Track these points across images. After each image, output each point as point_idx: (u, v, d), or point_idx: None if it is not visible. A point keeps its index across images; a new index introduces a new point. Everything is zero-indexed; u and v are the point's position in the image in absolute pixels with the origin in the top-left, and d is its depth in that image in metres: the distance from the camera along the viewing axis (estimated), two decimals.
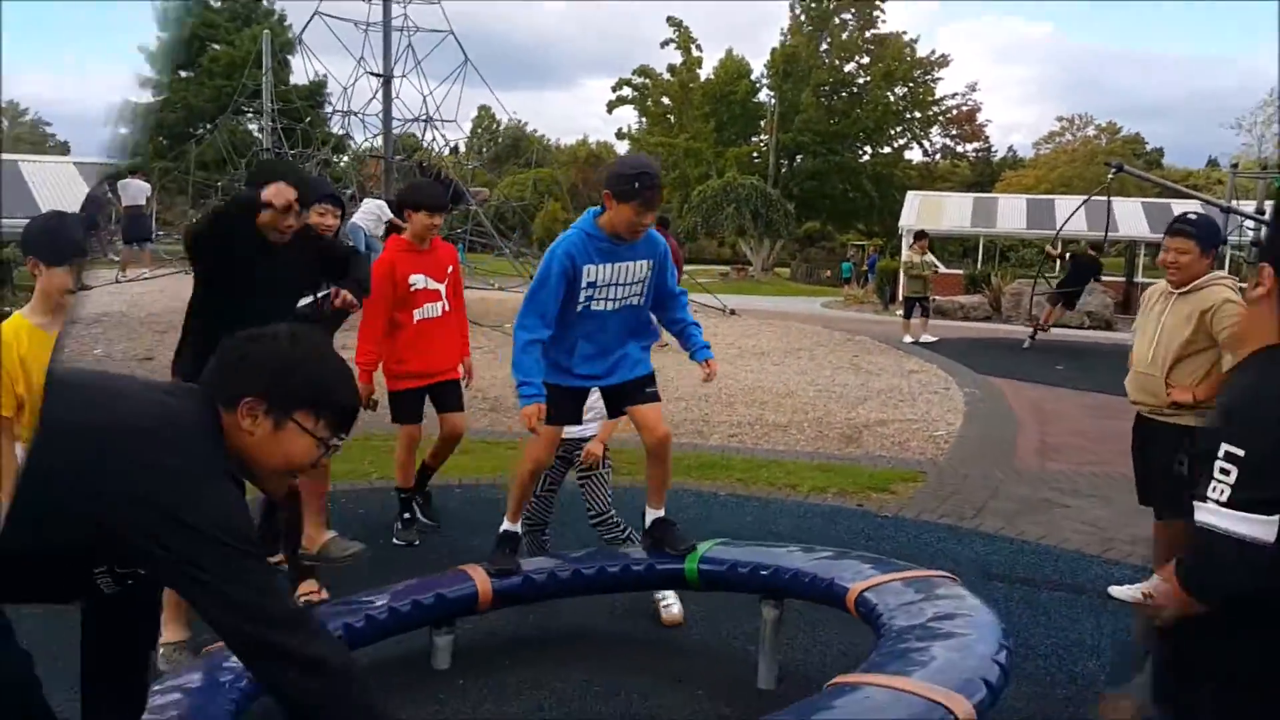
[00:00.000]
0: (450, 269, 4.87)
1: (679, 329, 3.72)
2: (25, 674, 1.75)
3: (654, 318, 3.70)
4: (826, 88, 44.92)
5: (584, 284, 3.39)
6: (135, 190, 16.66)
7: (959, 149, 50.85)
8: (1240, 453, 1.51)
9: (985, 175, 48.84)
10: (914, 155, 48.38)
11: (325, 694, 1.68)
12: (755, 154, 46.23)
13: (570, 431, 4.16)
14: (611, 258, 3.41)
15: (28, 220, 2.88)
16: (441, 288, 4.81)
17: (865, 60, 45.36)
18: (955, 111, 48.32)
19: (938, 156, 49.91)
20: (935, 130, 48.60)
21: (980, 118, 50.49)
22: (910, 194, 27.66)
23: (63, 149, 37.31)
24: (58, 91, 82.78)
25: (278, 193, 3.32)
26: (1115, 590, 4.40)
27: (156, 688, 2.42)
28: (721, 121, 45.45)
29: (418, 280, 4.69)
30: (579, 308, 3.42)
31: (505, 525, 3.72)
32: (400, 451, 4.85)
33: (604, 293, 3.44)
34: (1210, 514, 1.55)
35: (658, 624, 4.00)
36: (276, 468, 1.79)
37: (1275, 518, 1.50)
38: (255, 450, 1.75)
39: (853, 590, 3.09)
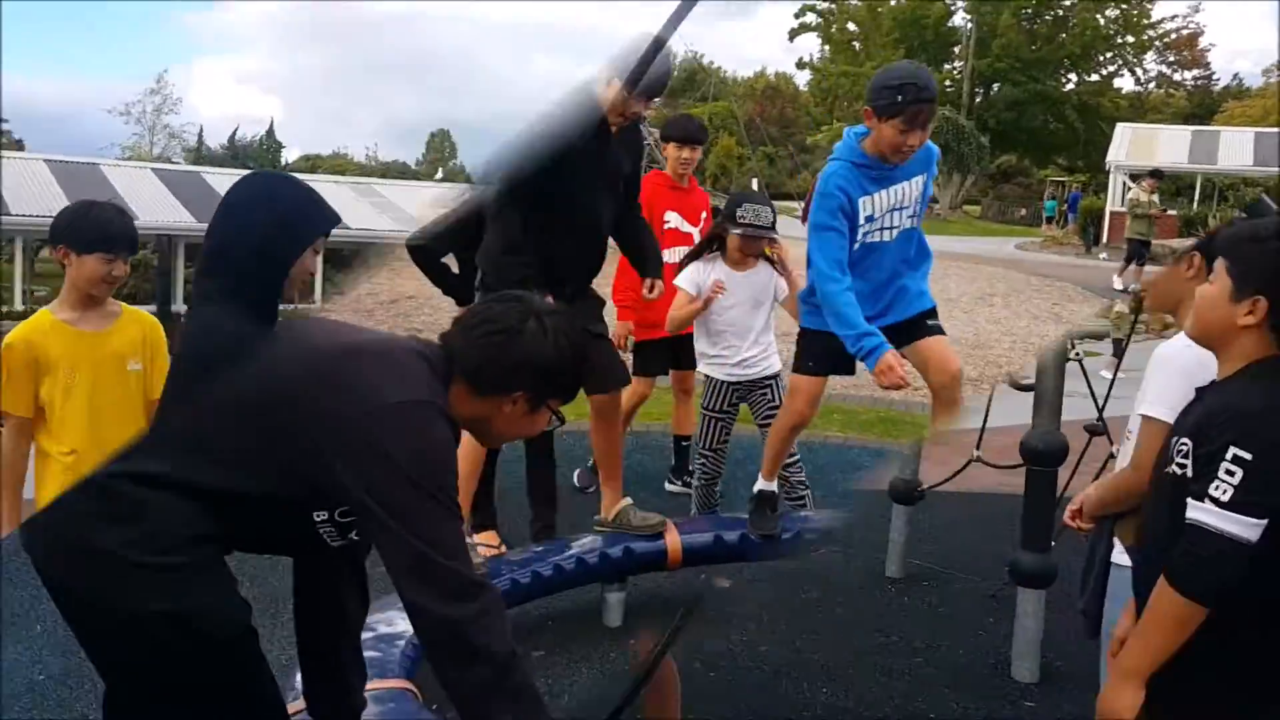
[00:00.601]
0: (705, 215, 4.61)
1: None
2: (244, 624, 1.73)
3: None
4: (1029, 10, 41.99)
5: (861, 220, 2.98)
6: None
7: (1175, 77, 46.56)
8: (1249, 456, 1.58)
9: (1204, 106, 44.52)
10: (1124, 84, 44.70)
11: (476, 682, 1.58)
12: (948, 82, 43.80)
13: (742, 375, 3.99)
14: (885, 183, 2.98)
15: None
16: (695, 233, 4.53)
17: None
18: (1174, 36, 44.15)
19: (1151, 85, 45.90)
20: (1150, 56, 44.65)
21: (1203, 42, 45.99)
22: (1120, 126, 25.65)
23: (16, 146, 35.77)
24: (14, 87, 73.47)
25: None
26: None
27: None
28: (912, 48, 43.16)
29: (671, 218, 4.42)
30: (855, 245, 3.01)
31: (760, 484, 3.49)
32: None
33: (881, 222, 3.03)
34: (1205, 512, 1.61)
35: (826, 589, 3.78)
36: (517, 436, 1.93)
37: (1264, 521, 1.58)
38: (503, 423, 1.80)
39: None
